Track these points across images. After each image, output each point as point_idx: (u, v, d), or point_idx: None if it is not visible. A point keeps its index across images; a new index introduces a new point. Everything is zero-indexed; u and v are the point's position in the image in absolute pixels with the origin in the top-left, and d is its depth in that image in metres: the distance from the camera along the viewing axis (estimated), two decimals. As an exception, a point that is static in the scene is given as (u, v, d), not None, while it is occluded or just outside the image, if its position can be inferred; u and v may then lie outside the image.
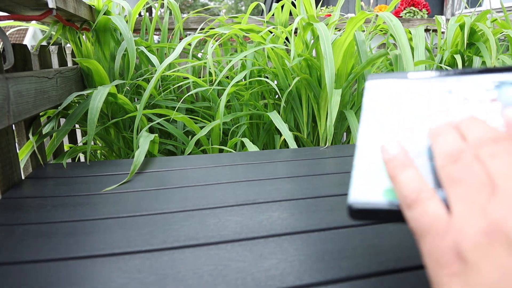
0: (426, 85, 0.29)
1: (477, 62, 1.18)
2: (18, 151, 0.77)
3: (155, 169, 0.75)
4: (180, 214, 0.53)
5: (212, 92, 1.19)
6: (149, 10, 3.13)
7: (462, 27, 1.20)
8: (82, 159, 1.38)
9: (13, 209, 0.56)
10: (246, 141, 0.98)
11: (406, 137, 0.26)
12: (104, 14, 1.14)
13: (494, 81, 0.28)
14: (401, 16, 2.99)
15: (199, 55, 1.58)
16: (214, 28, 1.24)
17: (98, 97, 0.86)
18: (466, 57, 1.27)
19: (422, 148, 0.25)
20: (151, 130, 1.22)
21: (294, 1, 1.31)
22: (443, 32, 1.68)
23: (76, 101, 1.10)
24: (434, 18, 1.53)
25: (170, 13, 1.45)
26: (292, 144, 0.94)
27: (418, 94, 0.29)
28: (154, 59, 1.13)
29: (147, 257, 0.41)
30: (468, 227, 0.19)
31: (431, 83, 0.29)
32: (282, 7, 1.35)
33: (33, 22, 1.28)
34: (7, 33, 0.72)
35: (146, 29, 1.38)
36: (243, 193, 0.60)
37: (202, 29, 1.59)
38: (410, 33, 1.17)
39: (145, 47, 1.21)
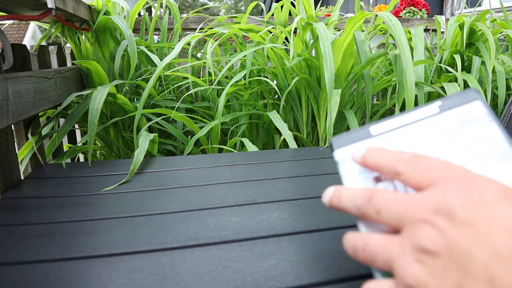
0: (397, 143, 0.28)
1: (476, 62, 1.19)
2: (17, 151, 0.77)
3: (155, 169, 0.75)
4: (179, 214, 0.53)
5: (211, 92, 1.19)
6: (149, 10, 3.13)
7: (461, 27, 1.20)
8: (82, 159, 1.38)
9: (12, 210, 0.56)
10: (246, 141, 0.98)
11: None
12: (104, 14, 1.14)
13: (457, 120, 0.27)
14: (401, 16, 2.99)
15: (199, 55, 1.58)
16: (213, 28, 1.24)
17: (98, 97, 0.86)
18: (466, 57, 1.27)
19: None
20: (150, 130, 1.22)
21: (293, 1, 1.31)
22: (442, 32, 1.68)
23: (75, 101, 1.10)
24: (433, 18, 1.53)
25: (170, 13, 1.45)
26: (292, 144, 0.94)
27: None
28: (155, 58, 1.13)
29: (146, 257, 0.41)
30: None
31: (399, 138, 0.28)
32: (282, 7, 1.35)
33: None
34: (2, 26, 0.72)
35: (146, 29, 1.38)
36: (242, 193, 0.60)
37: (201, 29, 1.59)
38: (410, 33, 1.17)
39: (145, 47, 1.20)
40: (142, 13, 1.54)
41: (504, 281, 0.18)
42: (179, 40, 1.17)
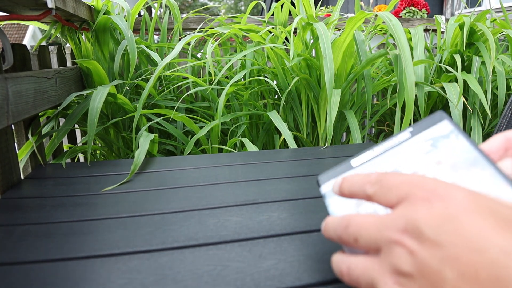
0: (373, 168, 0.31)
1: (476, 62, 1.18)
2: (17, 151, 0.77)
3: (155, 169, 0.75)
4: (179, 214, 0.53)
5: (211, 92, 1.19)
6: (149, 9, 3.13)
7: (461, 27, 1.20)
8: (82, 159, 1.38)
9: (12, 210, 0.56)
10: (246, 141, 0.98)
11: None
12: (104, 14, 1.14)
13: (427, 139, 0.30)
14: (401, 16, 2.99)
15: (199, 55, 1.58)
16: (213, 28, 1.24)
17: (98, 97, 0.86)
18: (466, 57, 1.27)
19: None
20: (150, 130, 1.22)
21: (293, 1, 1.31)
22: (442, 32, 1.68)
23: (75, 101, 1.10)
24: (433, 18, 1.53)
25: (170, 13, 1.45)
26: (292, 144, 0.94)
27: None
28: (156, 56, 1.13)
29: (146, 257, 0.41)
30: None
31: (375, 165, 0.31)
32: (282, 6, 1.35)
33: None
34: (1, 25, 0.72)
35: (146, 29, 1.38)
36: (242, 193, 0.60)
37: (201, 29, 1.59)
38: (410, 33, 1.17)
39: (145, 47, 1.21)
40: (142, 13, 1.54)
41: None
42: (179, 40, 1.17)
